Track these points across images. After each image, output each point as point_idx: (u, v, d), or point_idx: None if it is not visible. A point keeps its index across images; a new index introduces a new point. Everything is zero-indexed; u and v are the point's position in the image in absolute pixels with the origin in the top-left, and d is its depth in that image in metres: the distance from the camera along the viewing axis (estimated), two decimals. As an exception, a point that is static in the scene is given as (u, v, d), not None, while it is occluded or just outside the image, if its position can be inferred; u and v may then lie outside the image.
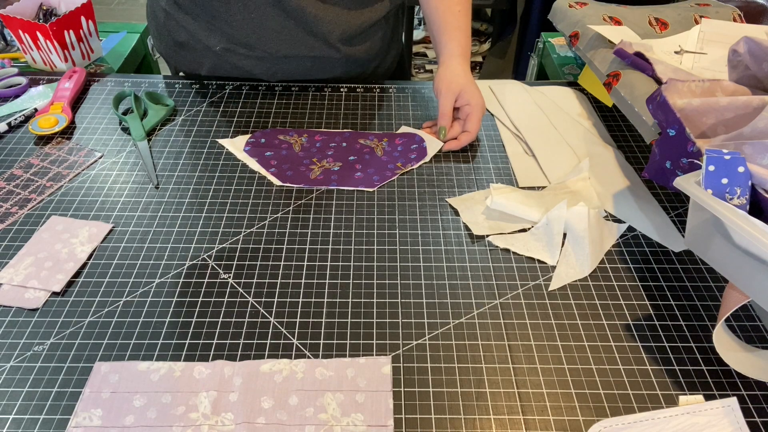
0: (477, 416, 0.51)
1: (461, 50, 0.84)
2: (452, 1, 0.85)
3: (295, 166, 0.77)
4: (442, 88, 0.81)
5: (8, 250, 0.65)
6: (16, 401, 0.52)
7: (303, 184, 0.75)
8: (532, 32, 2.00)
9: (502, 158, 0.80)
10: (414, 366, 0.55)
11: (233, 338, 0.57)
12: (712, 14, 0.96)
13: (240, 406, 0.50)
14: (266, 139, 0.81)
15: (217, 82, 0.93)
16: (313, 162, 0.78)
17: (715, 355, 0.56)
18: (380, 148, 0.80)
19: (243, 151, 0.79)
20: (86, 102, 0.89)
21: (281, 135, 0.82)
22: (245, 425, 0.49)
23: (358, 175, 0.76)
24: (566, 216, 0.66)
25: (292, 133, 0.83)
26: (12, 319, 0.58)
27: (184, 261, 0.64)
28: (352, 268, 0.64)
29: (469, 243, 0.67)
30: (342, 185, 0.75)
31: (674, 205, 0.73)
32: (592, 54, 0.87)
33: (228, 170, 0.76)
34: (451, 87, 0.80)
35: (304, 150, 0.80)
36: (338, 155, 0.79)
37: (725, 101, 0.63)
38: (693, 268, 0.65)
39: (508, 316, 0.59)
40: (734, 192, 0.52)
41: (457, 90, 0.80)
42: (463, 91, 0.80)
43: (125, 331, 0.57)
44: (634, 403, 0.52)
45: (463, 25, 0.85)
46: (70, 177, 0.75)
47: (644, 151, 0.81)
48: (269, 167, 0.77)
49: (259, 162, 0.78)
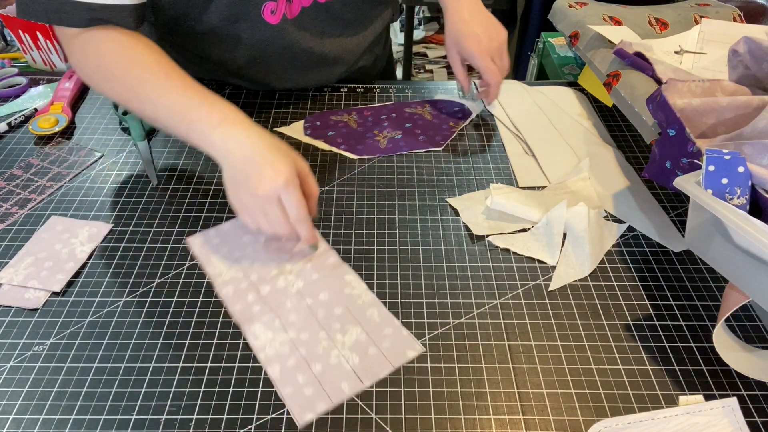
0: (477, 416, 0.51)
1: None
2: None
3: (362, 140, 0.81)
4: (449, 48, 0.79)
5: (8, 250, 0.65)
6: (16, 401, 0.52)
7: (376, 153, 0.79)
8: (532, 32, 2.00)
9: (502, 158, 0.80)
10: (414, 366, 0.55)
11: (233, 338, 0.57)
12: (712, 14, 0.96)
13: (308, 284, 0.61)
14: (321, 121, 0.84)
15: (217, 82, 0.92)
16: (374, 134, 0.82)
17: (715, 355, 0.56)
18: (427, 112, 0.86)
19: (305, 135, 0.82)
20: (86, 102, 0.89)
21: (333, 116, 0.86)
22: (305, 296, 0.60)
23: (421, 138, 0.82)
24: (566, 216, 0.66)
25: (342, 113, 0.87)
26: (12, 319, 0.58)
27: (184, 261, 0.64)
28: (352, 268, 0.64)
29: (469, 243, 0.67)
30: (412, 149, 0.80)
31: (674, 205, 0.73)
32: (592, 54, 0.87)
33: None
34: (455, 45, 0.78)
35: (360, 125, 0.84)
36: (394, 125, 0.84)
37: (725, 101, 0.63)
38: (693, 268, 0.65)
39: (508, 316, 0.59)
40: (734, 192, 0.52)
41: (461, 46, 0.77)
42: (468, 43, 0.77)
43: (125, 331, 0.57)
44: (634, 403, 0.52)
45: None
46: (70, 177, 0.75)
47: (644, 151, 0.81)
48: (338, 145, 0.81)
49: (326, 142, 0.81)
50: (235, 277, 0.62)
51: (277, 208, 0.57)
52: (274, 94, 0.90)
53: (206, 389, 0.53)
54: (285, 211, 0.57)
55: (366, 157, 0.79)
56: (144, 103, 0.62)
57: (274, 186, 0.56)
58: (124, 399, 0.52)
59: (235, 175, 0.59)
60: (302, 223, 0.58)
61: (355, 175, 0.76)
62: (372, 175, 0.76)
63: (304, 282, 0.61)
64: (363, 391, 0.53)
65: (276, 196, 0.56)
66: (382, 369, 0.54)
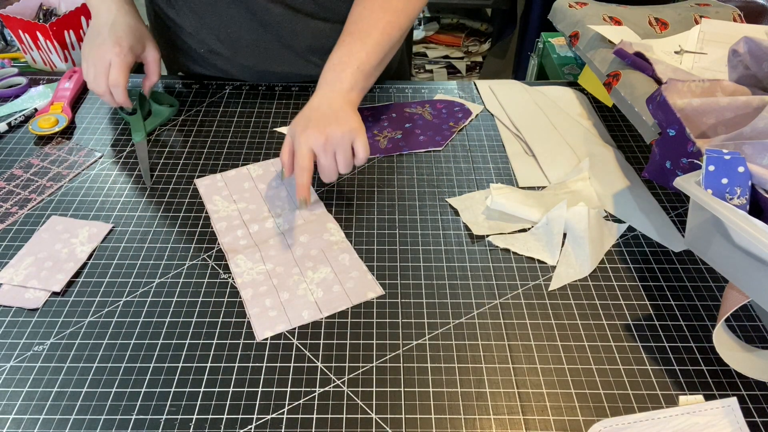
0: (477, 416, 0.51)
1: (339, 65, 0.70)
2: (379, 6, 0.73)
3: None
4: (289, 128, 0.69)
5: (8, 250, 0.65)
6: (16, 401, 0.52)
7: (377, 154, 0.79)
8: (532, 32, 2.00)
9: (502, 158, 0.80)
10: (414, 366, 0.55)
11: (233, 338, 0.57)
12: (712, 14, 0.96)
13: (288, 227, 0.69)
14: None
15: (217, 83, 0.93)
16: (374, 134, 0.83)
17: (715, 355, 0.56)
18: (427, 112, 0.86)
19: None
20: (86, 102, 0.89)
21: None
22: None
23: (421, 138, 0.82)
24: (566, 216, 0.66)
25: None
26: (12, 319, 0.58)
27: (184, 261, 0.64)
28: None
29: (469, 243, 0.67)
30: (412, 149, 0.80)
31: (674, 205, 0.73)
32: (592, 54, 0.87)
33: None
34: (291, 125, 0.69)
35: None
36: (394, 125, 0.84)
37: (725, 101, 0.63)
38: (693, 268, 0.65)
39: (508, 316, 0.59)
40: (734, 192, 0.52)
41: (292, 124, 0.68)
42: (295, 123, 0.68)
43: (125, 331, 0.57)
44: (634, 403, 0.52)
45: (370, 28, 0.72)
46: (70, 177, 0.75)
47: (644, 151, 0.81)
48: None
49: None
50: (230, 215, 0.70)
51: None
52: (274, 93, 0.90)
53: (206, 389, 0.53)
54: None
55: None
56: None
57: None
58: (124, 399, 0.52)
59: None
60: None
61: (355, 175, 0.76)
62: (372, 175, 0.76)
63: (290, 225, 0.68)
64: (363, 391, 0.53)
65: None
66: (342, 304, 0.60)
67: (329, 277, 0.62)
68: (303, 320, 0.58)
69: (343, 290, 0.61)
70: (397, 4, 0.73)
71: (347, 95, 0.70)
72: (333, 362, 0.55)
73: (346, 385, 0.53)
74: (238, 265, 0.64)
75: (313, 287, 0.61)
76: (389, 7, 0.73)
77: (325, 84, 0.71)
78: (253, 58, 0.87)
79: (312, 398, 0.52)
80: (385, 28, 0.72)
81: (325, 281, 0.62)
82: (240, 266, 0.64)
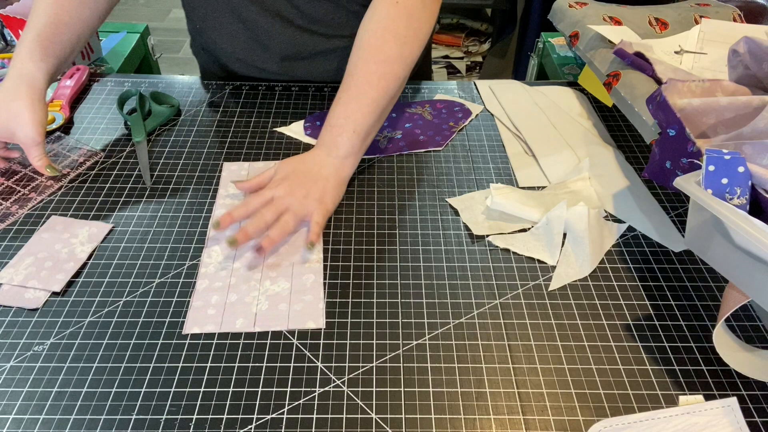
0: (477, 416, 0.51)
1: (333, 129, 0.70)
2: (371, 55, 0.71)
3: None
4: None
5: (8, 250, 0.65)
6: (16, 401, 0.52)
7: (377, 154, 0.79)
8: (532, 32, 2.00)
9: (502, 158, 0.80)
10: (414, 366, 0.55)
11: (233, 338, 0.57)
12: (712, 14, 0.96)
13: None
14: (321, 121, 0.84)
15: (217, 83, 0.93)
16: None
17: (715, 355, 0.56)
18: (427, 112, 0.85)
19: (306, 135, 0.82)
20: (87, 101, 0.89)
21: None
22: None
23: (421, 138, 0.82)
24: (566, 216, 0.66)
25: None
26: (12, 319, 0.58)
27: (184, 261, 0.64)
28: (352, 268, 0.64)
29: (469, 243, 0.67)
30: (412, 149, 0.80)
31: (674, 205, 0.73)
32: (592, 54, 0.87)
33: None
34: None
35: None
36: (394, 125, 0.84)
37: (725, 101, 0.63)
38: (693, 268, 0.65)
39: (508, 316, 0.59)
40: (734, 192, 0.52)
41: (275, 176, 0.69)
42: (277, 168, 0.69)
43: (125, 331, 0.57)
44: (634, 403, 0.52)
45: (364, 84, 0.70)
46: (70, 177, 0.75)
47: (644, 151, 0.81)
48: None
49: None
50: (232, 204, 0.69)
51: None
52: (274, 94, 0.90)
53: (206, 389, 0.53)
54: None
55: (366, 157, 0.79)
56: None
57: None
58: (124, 399, 0.52)
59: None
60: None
61: (355, 175, 0.76)
62: (372, 175, 0.76)
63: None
64: (363, 391, 0.53)
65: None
66: (277, 324, 0.58)
67: (283, 293, 0.61)
68: (234, 328, 0.57)
69: (287, 311, 0.59)
70: (390, 52, 0.70)
71: (342, 163, 0.69)
72: (333, 362, 0.55)
73: (346, 385, 0.53)
74: (209, 255, 0.64)
75: (262, 299, 0.60)
76: (382, 58, 0.70)
77: (324, 146, 0.70)
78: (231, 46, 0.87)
79: (312, 398, 0.52)
80: (379, 83, 0.70)
81: (277, 296, 0.60)
82: (211, 256, 0.64)
